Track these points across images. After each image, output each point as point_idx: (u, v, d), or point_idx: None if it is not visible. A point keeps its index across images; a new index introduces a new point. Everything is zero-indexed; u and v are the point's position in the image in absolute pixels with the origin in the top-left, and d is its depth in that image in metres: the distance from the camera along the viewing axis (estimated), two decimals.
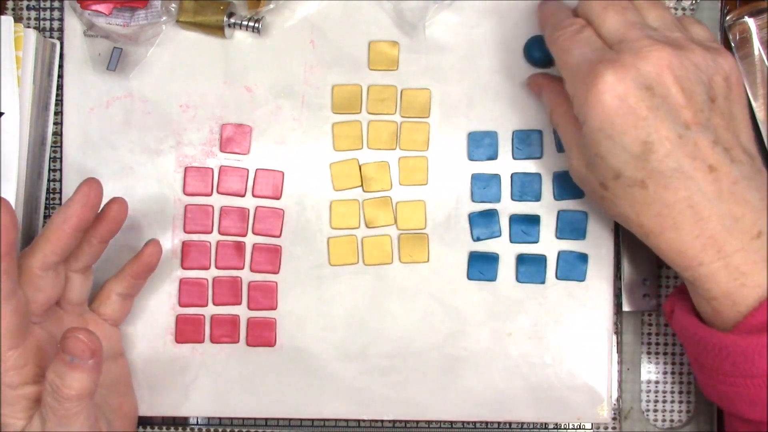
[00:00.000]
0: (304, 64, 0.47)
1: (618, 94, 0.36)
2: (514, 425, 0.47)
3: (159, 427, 0.47)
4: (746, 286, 0.36)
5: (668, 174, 0.36)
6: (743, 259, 0.36)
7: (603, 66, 0.36)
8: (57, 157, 0.48)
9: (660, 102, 0.36)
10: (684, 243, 0.37)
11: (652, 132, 0.36)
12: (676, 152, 0.36)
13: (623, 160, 0.37)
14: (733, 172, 0.36)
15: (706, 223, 0.36)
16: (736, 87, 0.39)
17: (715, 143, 0.36)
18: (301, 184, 0.47)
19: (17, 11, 0.48)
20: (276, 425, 0.47)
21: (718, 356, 0.37)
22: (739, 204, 0.36)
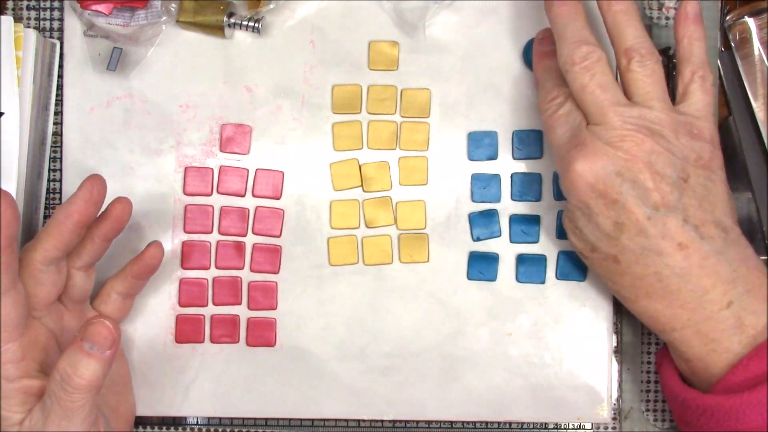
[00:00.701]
0: (304, 64, 0.47)
1: (589, 180, 0.38)
2: (514, 425, 0.47)
3: (158, 427, 0.47)
4: (716, 351, 0.38)
5: (638, 251, 0.38)
6: (712, 327, 0.38)
7: (576, 152, 0.39)
8: (57, 157, 0.48)
9: (629, 186, 0.38)
10: (656, 311, 0.39)
11: (622, 214, 0.38)
12: (645, 232, 0.38)
13: (597, 237, 0.39)
14: (704, 247, 0.38)
15: (675, 295, 0.38)
16: (712, 165, 0.40)
17: (685, 222, 0.38)
18: (301, 184, 0.47)
19: (17, 11, 0.48)
20: (276, 425, 0.47)
21: (702, 416, 0.38)
22: (709, 277, 0.38)
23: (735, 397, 0.37)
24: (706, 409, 0.38)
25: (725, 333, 0.38)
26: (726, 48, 0.48)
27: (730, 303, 0.38)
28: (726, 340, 0.38)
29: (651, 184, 0.38)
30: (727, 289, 0.38)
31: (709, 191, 0.39)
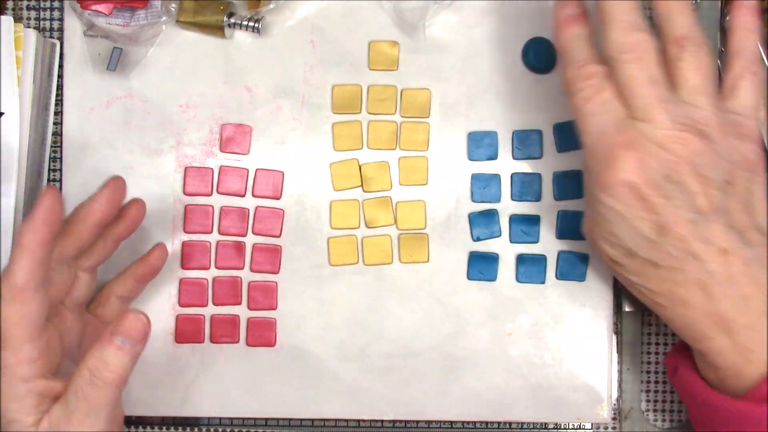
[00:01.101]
0: (304, 64, 0.47)
1: (633, 179, 0.36)
2: (514, 425, 0.47)
3: (159, 427, 0.47)
4: (752, 362, 0.37)
5: (680, 257, 0.37)
6: (750, 336, 0.37)
7: (623, 150, 0.36)
8: (57, 157, 0.48)
9: (675, 190, 0.36)
10: (694, 319, 0.37)
11: (665, 217, 0.36)
12: (688, 237, 0.36)
13: (636, 241, 0.37)
14: (746, 254, 0.37)
15: (715, 303, 0.37)
16: (757, 168, 0.38)
17: (729, 227, 0.37)
18: (301, 184, 0.47)
19: (17, 11, 0.48)
20: (276, 425, 0.47)
21: (729, 422, 0.37)
22: (750, 285, 0.37)
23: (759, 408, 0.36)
24: (734, 416, 0.37)
25: (762, 343, 0.37)
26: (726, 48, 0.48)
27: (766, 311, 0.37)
28: (762, 351, 0.37)
29: (697, 187, 0.36)
30: (766, 297, 0.37)
31: (752, 195, 0.38)
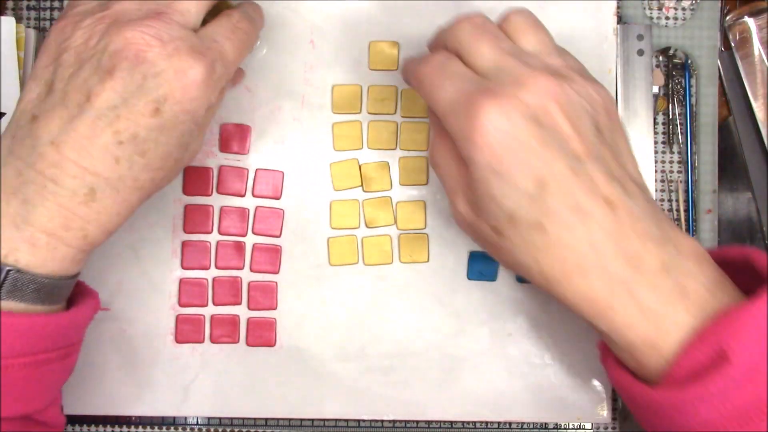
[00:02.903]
0: (304, 64, 0.47)
1: (502, 127, 0.33)
2: (514, 425, 0.47)
3: (158, 427, 0.47)
4: (663, 327, 0.33)
5: (566, 213, 0.33)
6: (654, 298, 0.33)
7: (483, 98, 0.34)
8: None
9: (549, 134, 0.34)
10: (591, 288, 0.34)
11: (544, 168, 0.33)
12: (572, 188, 0.33)
13: (517, 201, 0.34)
14: (630, 205, 0.34)
15: (610, 263, 0.34)
16: (613, 114, 0.36)
17: (609, 175, 0.34)
18: (301, 184, 0.47)
19: (17, 11, 0.48)
20: (276, 425, 0.47)
21: (650, 411, 0.34)
22: (641, 239, 0.34)
23: (679, 393, 0.32)
24: (654, 405, 0.34)
25: (669, 302, 0.33)
26: (726, 48, 0.49)
27: (666, 267, 0.34)
28: (672, 312, 0.33)
29: (570, 130, 0.34)
30: (660, 252, 0.34)
31: (617, 144, 0.36)
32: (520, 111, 0.33)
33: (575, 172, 0.34)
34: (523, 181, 0.33)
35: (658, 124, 0.48)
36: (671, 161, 0.48)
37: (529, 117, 0.33)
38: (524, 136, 0.33)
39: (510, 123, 0.33)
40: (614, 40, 0.47)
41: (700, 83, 0.48)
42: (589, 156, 0.34)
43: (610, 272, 0.34)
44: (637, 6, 0.48)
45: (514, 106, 0.33)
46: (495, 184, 0.34)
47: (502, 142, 0.33)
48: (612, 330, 0.34)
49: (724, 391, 0.31)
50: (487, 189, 0.34)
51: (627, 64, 0.47)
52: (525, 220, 0.34)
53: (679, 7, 0.48)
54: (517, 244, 0.35)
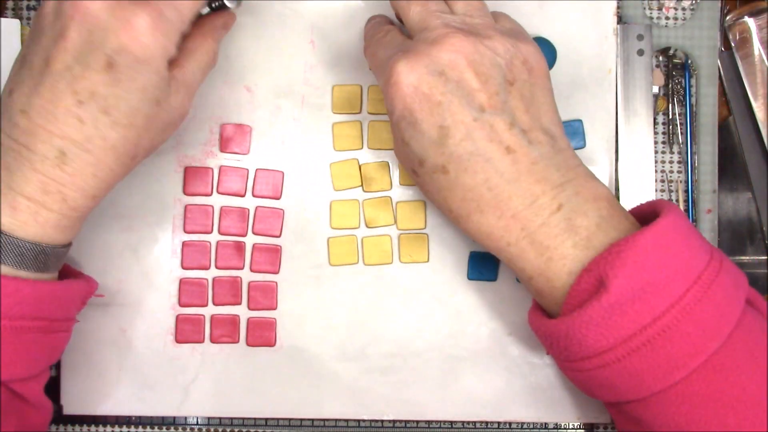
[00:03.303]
0: (304, 64, 0.47)
1: (411, 82, 0.36)
2: (514, 425, 0.47)
3: (159, 427, 0.47)
4: (552, 260, 0.36)
5: (466, 157, 0.37)
6: (545, 234, 0.36)
7: (397, 57, 0.37)
8: None
9: (454, 87, 0.36)
10: (489, 225, 0.37)
11: (447, 117, 0.36)
12: (472, 135, 0.36)
13: (424, 147, 0.37)
14: (532, 152, 0.37)
15: (506, 204, 0.37)
16: (537, 71, 0.39)
17: (512, 125, 0.37)
18: (301, 184, 0.47)
19: (17, 11, 0.48)
20: (276, 425, 0.47)
21: (554, 344, 0.37)
22: (539, 182, 0.37)
23: (569, 320, 0.35)
24: (553, 336, 0.37)
25: (558, 238, 0.36)
26: (726, 48, 0.49)
27: (560, 206, 0.36)
28: (560, 246, 0.36)
29: (476, 84, 0.37)
30: (557, 193, 0.37)
31: (535, 97, 0.38)
32: (426, 66, 0.37)
33: (476, 120, 0.36)
34: (428, 130, 0.37)
35: (658, 124, 0.48)
36: (671, 161, 0.48)
37: (436, 72, 0.37)
38: (429, 88, 0.36)
39: (417, 77, 0.37)
40: (614, 40, 0.47)
41: (700, 83, 0.48)
42: (493, 107, 0.37)
43: (506, 211, 0.37)
44: (637, 6, 0.48)
45: (423, 63, 0.37)
46: (407, 132, 0.38)
47: (410, 94, 0.37)
48: (510, 262, 0.38)
49: (606, 317, 0.34)
50: (402, 136, 0.38)
51: (627, 64, 0.47)
52: (432, 164, 0.38)
53: (679, 7, 0.48)
54: (428, 183, 0.39)
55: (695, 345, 0.34)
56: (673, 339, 0.34)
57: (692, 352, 0.34)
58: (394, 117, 0.38)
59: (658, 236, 0.35)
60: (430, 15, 0.38)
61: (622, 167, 0.47)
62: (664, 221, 0.35)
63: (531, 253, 0.37)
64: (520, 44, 0.38)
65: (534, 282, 0.38)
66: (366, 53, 0.42)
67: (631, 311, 0.34)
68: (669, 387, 0.35)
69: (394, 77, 0.37)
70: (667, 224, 0.35)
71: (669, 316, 0.34)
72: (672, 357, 0.34)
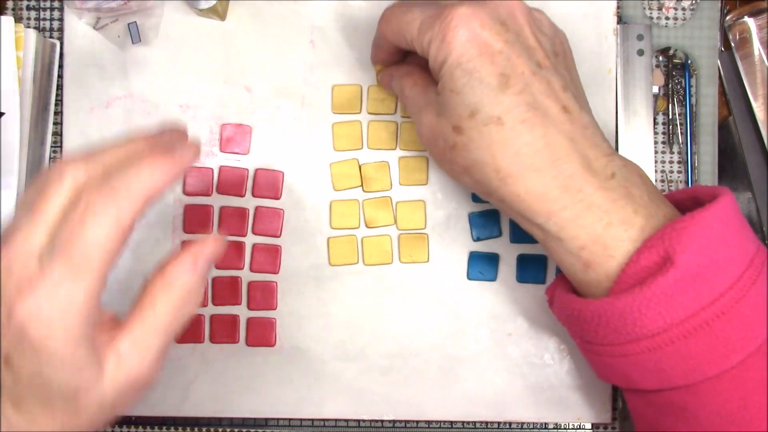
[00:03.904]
0: (304, 64, 0.47)
1: (474, 26, 0.35)
2: (514, 425, 0.47)
3: (159, 427, 0.47)
4: (613, 224, 0.35)
5: (524, 109, 0.35)
6: (604, 197, 0.35)
7: (455, 6, 0.36)
8: (57, 157, 0.48)
9: (514, 38, 0.36)
10: (545, 185, 0.35)
11: (507, 65, 0.35)
12: (531, 87, 0.36)
13: (481, 95, 0.35)
14: (584, 117, 0.37)
15: (564, 163, 0.35)
16: (571, 56, 0.39)
17: (565, 88, 0.37)
18: (301, 184, 0.47)
19: (17, 11, 0.48)
20: (276, 425, 0.47)
21: (599, 326, 0.35)
22: (592, 147, 0.36)
23: (627, 296, 0.34)
24: (601, 317, 0.35)
25: (618, 202, 0.35)
26: (726, 48, 0.49)
27: (614, 174, 0.36)
28: (620, 210, 0.35)
29: (533, 41, 0.36)
30: (608, 161, 0.36)
31: (573, 76, 0.39)
32: (490, 14, 0.36)
33: (536, 74, 0.36)
34: (487, 76, 0.35)
35: (658, 124, 0.48)
36: (671, 161, 0.48)
37: (498, 20, 0.36)
38: (492, 36, 0.35)
39: (480, 23, 0.35)
40: (614, 40, 0.47)
41: (700, 83, 0.48)
42: (549, 67, 0.36)
43: (563, 170, 0.35)
44: (637, 6, 0.48)
45: (486, 11, 0.36)
46: (461, 79, 0.36)
47: (471, 39, 0.35)
48: (563, 228, 0.36)
49: (669, 295, 0.33)
50: (453, 85, 0.36)
51: (627, 64, 0.47)
52: (486, 114, 0.35)
53: (679, 7, 0.48)
54: (476, 139, 0.36)
55: (751, 328, 0.33)
56: (731, 321, 0.33)
57: (749, 335, 0.33)
58: (446, 65, 0.36)
59: (722, 214, 0.34)
60: None
61: None
62: (724, 200, 0.35)
63: (589, 217, 0.35)
64: (557, 28, 0.39)
65: (585, 252, 0.35)
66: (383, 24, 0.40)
67: (692, 290, 0.33)
68: (724, 372, 0.34)
69: (455, 21, 0.35)
70: (727, 203, 0.35)
71: (728, 296, 0.33)
72: (729, 340, 0.33)
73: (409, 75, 0.41)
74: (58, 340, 0.29)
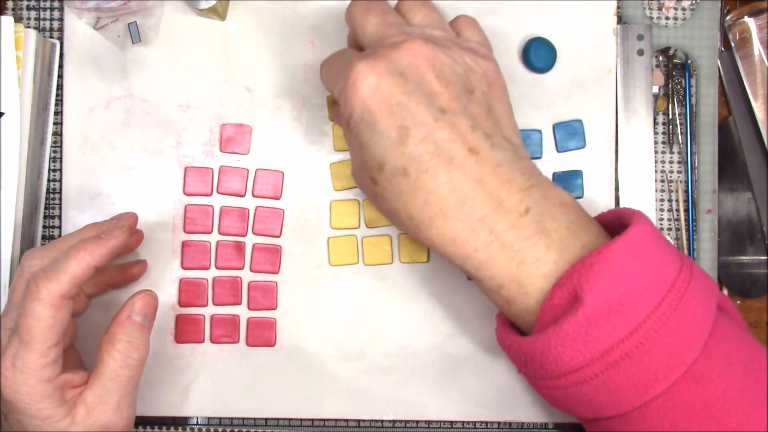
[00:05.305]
0: (304, 64, 0.47)
1: (371, 82, 0.36)
2: (514, 425, 0.47)
3: (159, 427, 0.47)
4: (525, 263, 0.35)
5: (427, 158, 0.35)
6: (516, 236, 0.35)
7: (357, 60, 0.36)
8: (57, 157, 0.48)
9: (414, 87, 0.36)
10: (455, 230, 0.35)
11: (407, 117, 0.35)
12: (433, 135, 0.35)
13: (384, 148, 0.36)
14: (495, 155, 0.36)
15: (471, 206, 0.35)
16: (496, 85, 0.39)
17: (474, 128, 0.36)
18: (301, 184, 0.47)
19: (17, 11, 0.48)
20: (276, 425, 0.47)
21: (527, 362, 0.36)
22: (504, 185, 0.35)
23: (543, 335, 0.34)
24: (527, 354, 0.35)
25: (530, 240, 0.35)
26: (726, 48, 0.49)
27: (528, 209, 0.35)
28: (532, 248, 0.35)
29: (437, 86, 0.36)
30: (523, 197, 0.35)
31: (494, 109, 0.38)
32: (387, 67, 0.36)
33: (438, 120, 0.35)
34: (387, 130, 0.36)
35: (658, 124, 0.48)
36: (671, 161, 0.48)
37: (396, 72, 0.36)
38: (389, 88, 0.36)
39: (377, 77, 0.36)
40: (614, 40, 0.47)
41: (700, 83, 0.48)
42: (453, 110, 0.36)
43: (471, 214, 0.35)
44: (637, 6, 0.48)
45: (383, 64, 0.36)
46: (366, 134, 0.36)
47: (370, 95, 0.36)
48: (478, 269, 0.36)
49: (582, 332, 0.33)
50: (360, 140, 0.37)
51: (627, 64, 0.47)
52: (392, 166, 0.36)
53: (679, 7, 0.48)
54: (388, 189, 0.37)
55: (674, 356, 0.33)
56: (651, 351, 0.33)
57: (672, 363, 0.33)
58: (352, 120, 0.37)
59: (630, 246, 0.34)
60: (388, 26, 0.38)
61: (622, 167, 0.47)
62: (635, 230, 0.34)
63: (501, 257, 0.35)
64: (479, 59, 0.38)
65: (504, 291, 0.36)
66: (321, 74, 0.41)
67: (607, 324, 0.33)
68: (650, 401, 0.34)
69: (352, 77, 0.36)
70: (638, 233, 0.34)
71: (646, 327, 0.33)
72: (651, 369, 0.33)
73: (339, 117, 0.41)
74: (23, 396, 0.37)
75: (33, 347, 0.37)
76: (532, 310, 0.35)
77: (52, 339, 0.37)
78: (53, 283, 0.37)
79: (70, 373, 0.39)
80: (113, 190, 0.46)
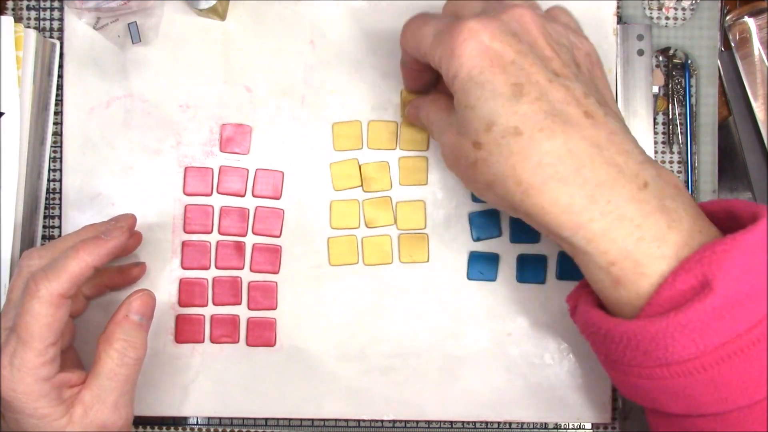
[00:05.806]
0: (304, 64, 0.47)
1: (483, 39, 0.34)
2: (514, 425, 0.47)
3: (158, 427, 0.47)
4: (645, 240, 0.32)
5: (542, 117, 0.33)
6: (636, 210, 0.33)
7: (466, 20, 0.35)
8: (57, 157, 0.48)
9: (527, 48, 0.35)
10: (570, 195, 0.33)
11: (521, 74, 0.34)
12: (548, 95, 0.34)
13: (495, 107, 0.34)
14: (610, 123, 0.34)
15: (590, 171, 0.33)
16: (598, 66, 0.38)
17: (587, 95, 0.34)
18: (301, 184, 0.47)
19: (17, 11, 0.48)
20: (276, 425, 0.47)
21: (628, 347, 0.33)
22: (621, 154, 0.33)
23: (661, 320, 0.31)
24: (631, 339, 0.33)
25: (651, 216, 0.32)
26: (726, 48, 0.49)
27: (647, 183, 0.33)
28: (654, 225, 0.32)
29: (548, 51, 0.35)
30: (641, 170, 0.33)
31: (596, 79, 0.37)
32: (500, 27, 0.35)
33: (552, 82, 0.34)
34: (500, 87, 0.34)
35: (658, 124, 0.48)
36: (671, 161, 0.48)
37: (509, 32, 0.35)
38: (502, 47, 0.34)
39: (490, 35, 0.34)
40: (614, 40, 0.47)
41: (700, 83, 0.48)
42: (568, 75, 0.35)
43: (589, 179, 0.33)
44: (637, 6, 0.48)
45: (496, 24, 0.35)
46: (474, 92, 0.34)
47: (482, 53, 0.34)
48: (591, 242, 0.33)
49: (705, 322, 0.31)
50: (467, 99, 0.35)
51: (627, 64, 0.47)
52: (502, 125, 0.34)
53: (679, 7, 0.48)
54: (495, 152, 0.34)
55: None
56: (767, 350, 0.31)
57: None
58: (458, 80, 0.35)
59: (764, 239, 0.31)
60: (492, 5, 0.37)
61: None
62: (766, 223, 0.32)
63: (619, 230, 0.32)
64: (582, 39, 0.38)
65: (615, 269, 0.33)
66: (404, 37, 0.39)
67: (730, 317, 0.31)
68: (757, 402, 0.32)
69: (464, 34, 0.34)
70: None
71: (765, 324, 0.31)
72: (765, 369, 0.31)
73: (434, 102, 0.41)
74: (20, 395, 0.37)
75: (31, 345, 0.37)
76: (643, 294, 0.33)
77: (50, 338, 0.38)
78: (52, 282, 0.37)
79: (68, 373, 0.39)
80: (113, 190, 0.46)
